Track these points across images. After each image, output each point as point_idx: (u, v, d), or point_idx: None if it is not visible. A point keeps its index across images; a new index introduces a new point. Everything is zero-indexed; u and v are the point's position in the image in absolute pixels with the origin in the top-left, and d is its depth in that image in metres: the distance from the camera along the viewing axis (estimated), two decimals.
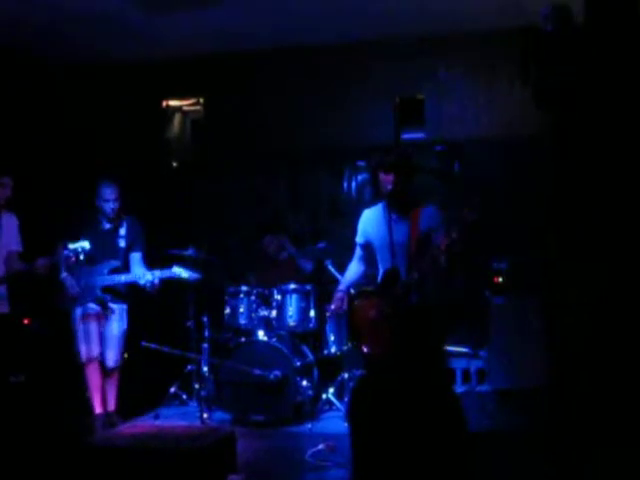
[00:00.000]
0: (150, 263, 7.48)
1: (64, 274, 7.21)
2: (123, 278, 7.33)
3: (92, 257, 7.20)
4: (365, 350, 5.80)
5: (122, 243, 7.43)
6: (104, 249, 7.33)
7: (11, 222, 7.22)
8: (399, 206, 5.81)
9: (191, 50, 9.22)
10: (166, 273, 7.27)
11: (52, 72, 9.45)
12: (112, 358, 7.38)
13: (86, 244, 6.79)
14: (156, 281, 7.23)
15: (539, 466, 5.50)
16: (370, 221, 6.01)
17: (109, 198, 7.32)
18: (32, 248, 7.21)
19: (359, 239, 6.13)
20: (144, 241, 7.57)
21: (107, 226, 7.45)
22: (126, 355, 7.60)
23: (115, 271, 7.34)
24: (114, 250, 7.39)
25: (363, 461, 1.70)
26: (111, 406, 7.45)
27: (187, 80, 9.72)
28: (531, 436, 6.21)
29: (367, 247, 6.06)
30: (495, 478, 5.34)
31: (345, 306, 6.01)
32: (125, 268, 7.42)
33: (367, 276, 6.34)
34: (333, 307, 6.17)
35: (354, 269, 6.26)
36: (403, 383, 1.73)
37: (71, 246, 6.78)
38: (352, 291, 6.25)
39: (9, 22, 8.15)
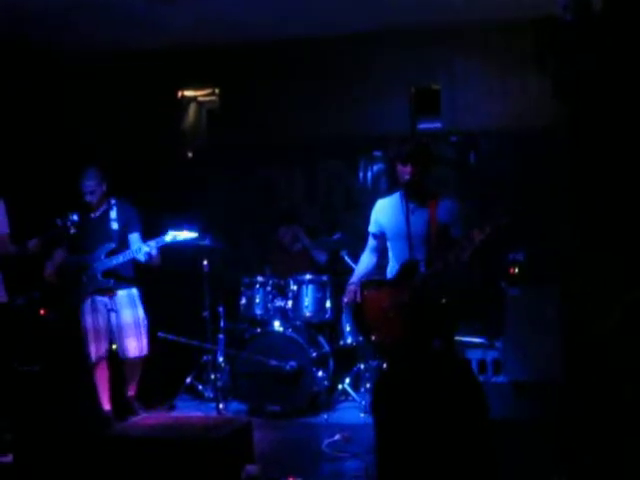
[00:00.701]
0: None
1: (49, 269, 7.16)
2: (121, 258, 7.11)
3: (85, 246, 7.18)
4: (373, 339, 5.82)
5: (115, 225, 7.24)
6: (98, 235, 7.21)
7: None
8: (416, 196, 5.79)
9: (206, 40, 9.19)
10: (161, 240, 7.03)
11: (68, 61, 9.44)
12: (134, 347, 7.24)
13: (74, 216, 6.77)
14: (153, 252, 6.99)
15: (551, 456, 5.50)
16: (385, 211, 5.98)
17: (88, 190, 7.16)
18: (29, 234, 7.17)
19: (373, 229, 6.10)
20: (139, 221, 7.38)
21: (96, 213, 7.29)
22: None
23: (112, 253, 7.16)
24: (107, 234, 7.21)
25: (387, 453, 1.69)
26: (131, 391, 7.40)
27: (203, 70, 9.70)
28: (545, 427, 6.21)
29: (380, 237, 6.04)
30: (507, 467, 5.34)
31: (359, 297, 6.00)
32: (121, 250, 7.19)
33: (378, 266, 6.34)
34: (346, 299, 6.15)
35: (367, 260, 6.23)
36: (424, 373, 1.73)
37: (60, 221, 6.77)
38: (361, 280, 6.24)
39: (23, 14, 8.15)
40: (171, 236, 7.03)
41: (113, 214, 7.29)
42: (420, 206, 5.77)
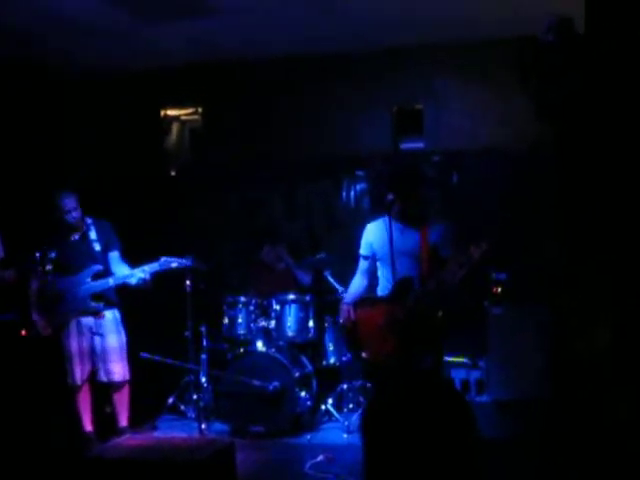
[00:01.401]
0: (131, 264, 7.32)
1: (35, 317, 7.07)
2: (111, 281, 7.06)
3: (70, 269, 7.14)
4: (365, 356, 5.88)
5: (97, 247, 7.20)
6: (81, 258, 7.13)
7: None
8: (405, 218, 5.93)
9: (189, 59, 9.20)
10: (155, 267, 7.02)
11: (48, 81, 9.42)
12: (119, 372, 7.17)
13: (52, 253, 6.74)
14: (147, 277, 6.98)
15: (536, 475, 5.49)
16: (375, 233, 6.13)
17: (70, 208, 7.05)
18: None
19: (364, 251, 6.24)
20: (117, 239, 7.33)
21: (75, 236, 7.21)
22: None
23: (99, 276, 7.09)
24: (91, 256, 7.15)
25: (376, 475, 1.68)
26: (123, 422, 7.32)
27: (185, 89, 9.70)
28: (529, 445, 6.20)
29: (372, 259, 6.16)
30: None
31: (353, 317, 6.08)
32: (106, 271, 7.16)
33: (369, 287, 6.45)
34: (342, 320, 6.23)
35: (358, 283, 6.37)
36: (414, 394, 1.73)
37: (38, 255, 6.74)
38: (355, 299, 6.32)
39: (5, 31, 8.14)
40: (164, 263, 7.04)
41: (93, 234, 7.22)
42: (410, 226, 5.90)
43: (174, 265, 7.07)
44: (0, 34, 8.14)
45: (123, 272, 7.11)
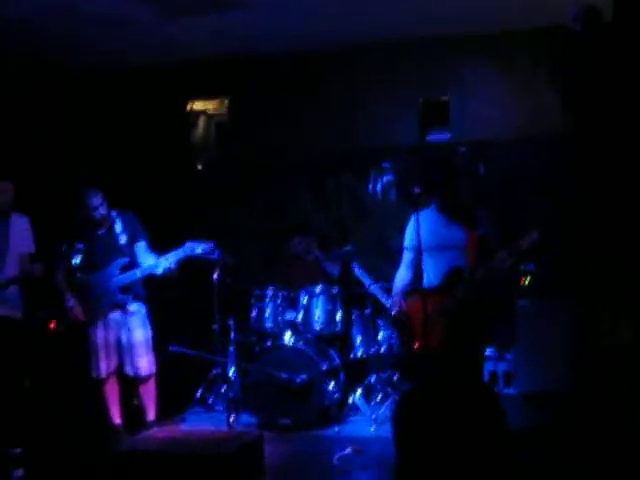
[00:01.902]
0: (158, 253, 7.32)
1: (70, 302, 7.09)
2: (138, 273, 7.05)
3: (98, 264, 7.17)
4: (416, 346, 5.93)
5: (123, 239, 7.17)
6: (108, 252, 7.12)
7: (21, 223, 7.20)
8: (448, 211, 5.99)
9: (215, 53, 9.21)
10: (180, 253, 6.96)
11: (77, 75, 9.48)
12: (144, 366, 7.13)
13: (80, 244, 6.78)
14: (173, 265, 6.94)
15: (561, 468, 5.48)
16: (421, 225, 6.09)
17: (96, 205, 7.04)
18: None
19: (409, 243, 6.24)
20: (143, 229, 7.30)
21: (101, 231, 7.19)
22: None
23: (126, 268, 7.10)
24: (117, 249, 7.13)
25: (408, 470, 1.69)
26: (150, 416, 7.34)
27: (212, 83, 9.71)
28: (555, 438, 6.20)
29: (416, 251, 6.16)
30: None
31: (405, 307, 6.12)
32: (133, 263, 7.14)
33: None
34: (394, 312, 6.25)
35: (403, 275, 6.38)
36: (451, 387, 1.73)
37: (65, 247, 6.77)
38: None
39: (28, 28, 8.18)
40: (189, 248, 6.98)
41: (118, 227, 7.21)
42: (454, 218, 5.96)
43: (199, 250, 7.00)
44: (21, 32, 8.20)
45: (149, 262, 7.08)
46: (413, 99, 9.04)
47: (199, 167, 9.93)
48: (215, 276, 7.45)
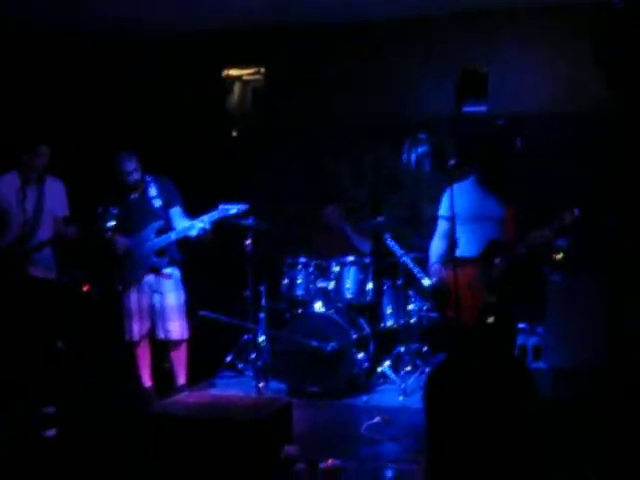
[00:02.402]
0: (192, 217, 7.36)
1: (109, 233, 7.08)
2: (173, 235, 7.13)
3: (132, 228, 7.21)
4: (451, 315, 5.99)
5: (157, 203, 7.25)
6: (142, 216, 7.22)
7: (56, 187, 7.26)
8: (487, 183, 6.02)
9: (252, 19, 9.18)
10: (214, 215, 7.01)
11: (114, 43, 9.49)
12: (176, 330, 7.23)
13: (114, 209, 6.83)
14: (207, 226, 6.99)
15: (587, 446, 5.49)
16: (459, 195, 6.10)
17: (130, 170, 7.13)
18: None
19: (446, 213, 6.25)
20: (179, 194, 7.37)
21: (135, 195, 7.29)
22: None
23: (161, 232, 7.17)
24: (152, 213, 7.22)
25: (440, 448, 1.70)
26: (181, 380, 7.41)
27: (248, 49, 9.67)
28: (582, 412, 6.20)
29: (452, 221, 6.19)
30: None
31: (444, 274, 6.16)
32: (168, 227, 7.23)
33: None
34: (434, 281, 6.28)
35: (438, 245, 6.40)
36: (482, 359, 1.74)
37: (100, 210, 6.82)
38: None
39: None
40: (223, 210, 7.02)
41: (153, 192, 7.28)
42: (492, 191, 6.00)
43: (233, 211, 7.03)
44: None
45: (184, 225, 7.14)
46: (451, 70, 8.98)
47: (234, 134, 9.92)
48: (248, 242, 7.49)
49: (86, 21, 8.94)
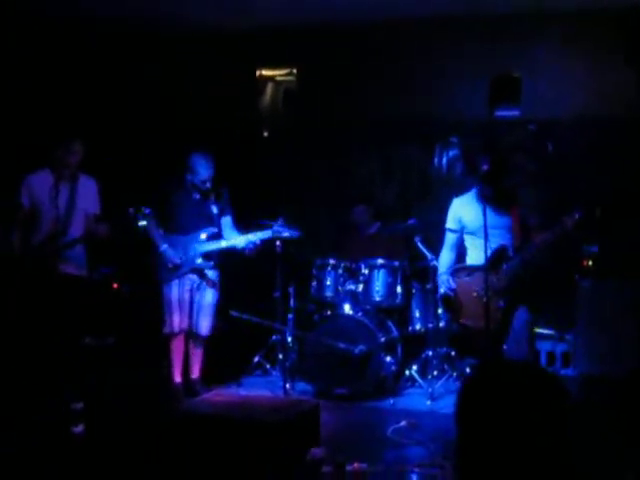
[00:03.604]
0: (240, 229, 7.53)
1: (164, 246, 7.33)
2: (224, 244, 7.39)
3: (185, 227, 7.33)
4: (466, 323, 6.07)
5: (215, 210, 7.48)
6: (198, 218, 7.43)
7: (88, 185, 7.32)
8: (496, 193, 6.14)
9: (285, 19, 9.19)
10: (267, 234, 7.30)
11: (147, 43, 9.53)
12: (206, 326, 7.46)
13: (147, 209, 6.94)
14: (258, 242, 7.27)
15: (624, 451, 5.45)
16: (464, 208, 6.28)
17: (206, 178, 7.38)
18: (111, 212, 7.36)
19: (453, 226, 6.43)
20: (231, 205, 7.63)
21: (198, 196, 7.49)
22: None
23: (213, 237, 7.41)
24: (209, 217, 7.46)
25: (470, 456, 1.69)
26: (195, 373, 7.53)
27: (281, 49, 9.68)
28: (614, 421, 6.16)
29: (460, 233, 6.35)
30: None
31: (454, 285, 6.26)
32: (220, 234, 7.48)
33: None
34: (443, 290, 6.40)
35: (448, 256, 6.60)
36: (513, 379, 1.73)
37: (132, 211, 6.91)
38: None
39: None
40: (276, 232, 7.31)
41: (213, 196, 7.53)
42: (500, 200, 6.08)
43: (285, 234, 7.35)
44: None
45: (234, 236, 7.42)
46: (484, 74, 8.95)
47: (265, 134, 9.94)
48: (278, 244, 7.53)
49: (120, 18, 8.98)
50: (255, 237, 7.26)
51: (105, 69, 9.46)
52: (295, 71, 9.85)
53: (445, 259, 6.59)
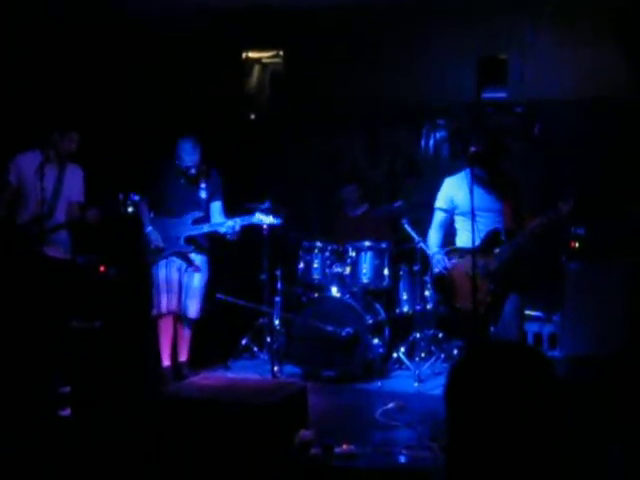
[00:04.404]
0: (229, 214, 7.52)
1: (149, 228, 7.33)
2: (205, 228, 7.37)
3: (172, 210, 7.32)
4: (458, 306, 6.08)
5: (203, 194, 7.47)
6: (185, 201, 7.42)
7: (76, 174, 7.36)
8: (488, 175, 6.12)
9: (272, 0, 9.12)
10: (247, 220, 7.27)
11: (132, 24, 9.45)
12: (194, 309, 7.43)
13: (135, 196, 6.93)
14: (237, 228, 7.23)
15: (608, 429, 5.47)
16: (456, 188, 6.26)
17: (190, 165, 7.37)
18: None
19: (444, 205, 6.41)
20: (223, 191, 7.60)
21: (183, 180, 7.47)
22: None
23: (198, 222, 7.38)
24: (196, 202, 7.44)
25: (460, 437, 1.68)
26: (183, 357, 7.52)
27: (267, 32, 9.62)
28: (601, 401, 6.18)
29: (450, 213, 6.34)
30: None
31: (449, 264, 6.26)
32: (207, 219, 7.46)
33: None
34: (438, 270, 6.39)
35: (436, 235, 6.56)
36: (505, 360, 1.72)
37: (121, 196, 6.90)
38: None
39: None
40: (257, 218, 7.26)
41: (203, 181, 7.49)
42: (492, 183, 6.07)
43: (267, 221, 7.29)
44: None
45: (217, 221, 7.39)
46: (471, 56, 8.93)
47: (252, 117, 9.90)
48: (265, 227, 7.51)
49: (105, 4, 8.92)
50: (235, 223, 7.23)
51: (91, 54, 9.37)
52: (282, 53, 9.81)
53: (434, 238, 6.57)
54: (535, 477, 1.95)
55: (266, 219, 7.26)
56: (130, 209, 6.96)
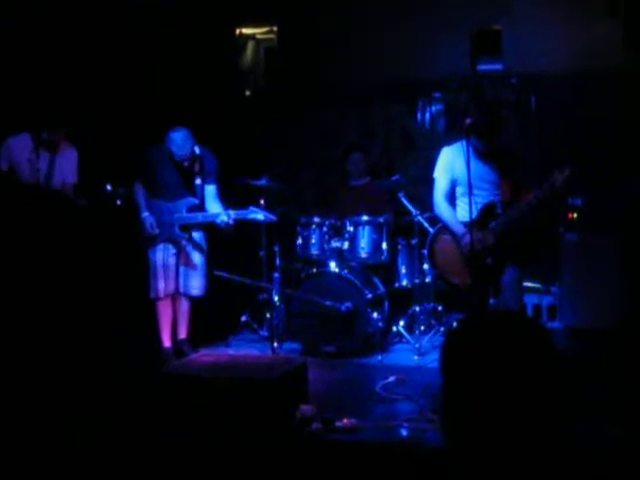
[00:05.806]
0: (224, 193, 7.50)
1: (145, 213, 7.28)
2: (200, 217, 7.33)
3: (165, 194, 7.28)
4: (455, 281, 6.07)
5: (198, 180, 7.41)
6: (179, 187, 7.38)
7: (69, 154, 7.37)
8: (486, 147, 6.09)
9: None
10: (241, 214, 7.25)
11: (128, 3, 9.41)
12: (197, 286, 7.43)
13: (121, 189, 6.94)
14: (231, 222, 7.19)
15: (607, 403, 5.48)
16: (455, 158, 6.22)
17: (182, 159, 7.25)
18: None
19: (446, 174, 6.37)
20: (218, 174, 7.53)
21: (181, 165, 7.39)
22: None
23: (192, 209, 7.35)
24: (190, 187, 7.40)
25: (457, 408, 1.69)
26: (182, 334, 7.52)
27: (261, 7, 9.58)
28: (600, 373, 6.19)
29: (451, 183, 6.33)
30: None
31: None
32: (202, 206, 7.43)
33: None
34: (469, 248, 6.29)
35: (450, 208, 6.52)
36: (499, 331, 1.73)
37: (109, 188, 6.90)
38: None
39: None
40: (251, 214, 7.25)
41: (197, 167, 7.42)
42: (489, 154, 6.05)
43: (260, 217, 7.27)
44: None
45: (213, 210, 7.35)
46: (465, 28, 8.89)
47: (247, 93, 9.87)
48: (262, 203, 7.51)
49: None
50: (228, 217, 7.18)
51: (82, 37, 9.31)
52: (276, 29, 9.76)
53: (449, 212, 6.50)
54: (531, 447, 1.96)
55: (259, 215, 7.24)
56: (118, 202, 6.97)
